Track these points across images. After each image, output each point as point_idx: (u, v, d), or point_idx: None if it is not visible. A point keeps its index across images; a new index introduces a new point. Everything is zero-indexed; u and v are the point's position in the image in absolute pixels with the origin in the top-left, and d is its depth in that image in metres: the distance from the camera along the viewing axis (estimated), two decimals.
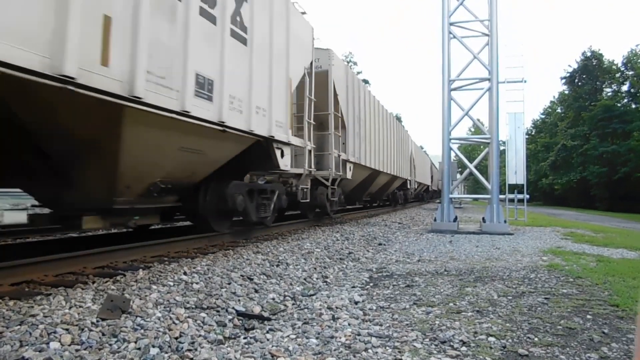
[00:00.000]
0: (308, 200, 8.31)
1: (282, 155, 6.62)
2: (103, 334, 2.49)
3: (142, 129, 4.03)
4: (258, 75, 5.78)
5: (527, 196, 11.62)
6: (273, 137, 6.20)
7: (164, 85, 4.04)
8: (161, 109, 4.03)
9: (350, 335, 2.80)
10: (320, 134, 8.76)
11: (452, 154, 11.15)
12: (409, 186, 22.18)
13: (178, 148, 4.68)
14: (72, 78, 3.06)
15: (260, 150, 6.20)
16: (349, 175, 10.36)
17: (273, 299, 3.79)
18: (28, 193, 4.82)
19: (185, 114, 4.33)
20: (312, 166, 7.95)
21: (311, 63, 7.84)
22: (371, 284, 4.54)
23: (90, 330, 2.48)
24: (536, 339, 2.82)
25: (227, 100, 5.06)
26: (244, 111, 5.48)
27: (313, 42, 7.97)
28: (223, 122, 4.97)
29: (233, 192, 5.86)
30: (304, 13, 7.54)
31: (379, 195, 17.80)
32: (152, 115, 3.97)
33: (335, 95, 9.19)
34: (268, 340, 2.76)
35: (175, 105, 4.19)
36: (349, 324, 3.05)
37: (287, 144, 6.73)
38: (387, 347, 2.63)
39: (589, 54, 46.83)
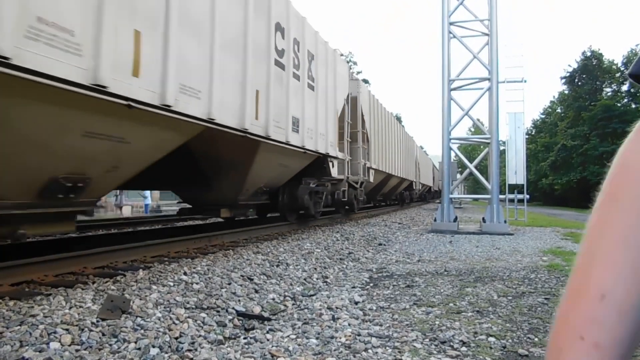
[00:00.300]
0: (346, 199, 10.51)
1: (333, 166, 9.06)
2: (103, 334, 2.49)
3: (265, 155, 6.32)
4: (320, 110, 8.12)
5: (527, 196, 11.62)
6: (328, 153, 8.57)
7: (279, 126, 6.38)
8: (277, 141, 6.34)
9: (350, 336, 2.80)
10: (352, 147, 10.91)
11: (452, 154, 11.15)
12: (414, 187, 24.62)
13: (278, 164, 7.07)
14: (245, 129, 5.35)
15: (319, 162, 8.59)
16: (371, 179, 12.60)
17: (273, 299, 3.79)
18: (176, 194, 7.11)
19: (287, 143, 6.67)
20: (349, 173, 10.37)
21: (348, 95, 10.26)
22: (371, 284, 4.54)
23: (91, 331, 2.48)
24: (536, 339, 2.82)
25: (306, 131, 7.43)
26: (313, 137, 7.79)
27: (349, 77, 10.37)
28: (304, 146, 7.31)
29: (302, 194, 8.20)
30: (342, 55, 9.79)
31: (389, 195, 20.35)
32: (272, 145, 6.28)
33: (362, 116, 11.60)
34: (268, 340, 2.75)
35: (283, 138, 6.52)
36: (349, 324, 3.05)
37: (336, 157, 9.14)
38: (387, 347, 2.63)
39: (589, 53, 46.82)
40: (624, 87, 44.67)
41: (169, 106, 3.91)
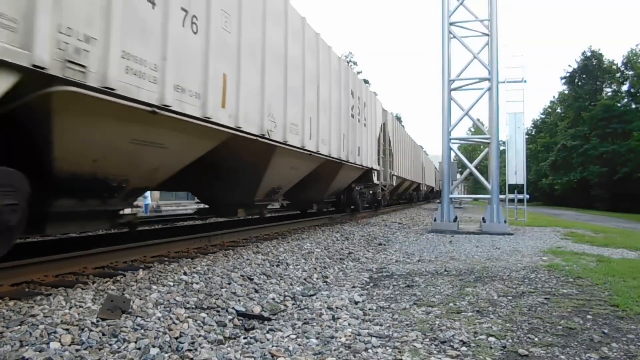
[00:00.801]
0: (380, 198, 14.78)
1: (374, 175, 12.55)
2: (103, 334, 2.49)
3: (345, 170, 9.43)
4: (368, 140, 11.78)
5: (527, 196, 11.60)
6: (373, 167, 12.30)
7: (352, 153, 9.95)
8: (352, 163, 9.98)
9: (350, 335, 2.80)
10: (382, 159, 14.39)
11: (452, 154, 11.15)
12: (421, 188, 28.90)
13: (349, 176, 10.73)
14: (341, 158, 8.88)
15: (366, 173, 11.87)
16: (394, 183, 16.51)
17: (273, 299, 3.79)
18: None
19: (354, 163, 10.11)
20: (382, 179, 14.10)
21: (383, 124, 14.49)
22: (371, 284, 4.54)
23: (91, 331, 2.49)
24: (536, 339, 2.82)
25: (364, 155, 11.05)
26: (364, 157, 11.11)
27: (382, 110, 14.51)
28: (364, 165, 11.11)
29: (355, 195, 12.02)
30: (376, 94, 13.57)
31: (402, 195, 24.28)
32: (349, 165, 9.35)
33: (388, 136, 15.46)
34: (268, 340, 2.76)
35: (353, 160, 10.21)
36: (349, 324, 3.05)
37: (377, 170, 12.93)
38: (387, 347, 2.63)
39: (589, 53, 46.80)
40: (624, 87, 44.64)
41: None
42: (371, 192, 13.58)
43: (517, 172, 11.29)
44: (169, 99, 3.94)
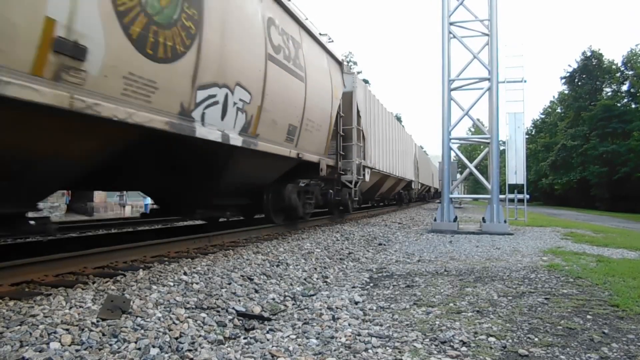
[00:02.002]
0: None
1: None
2: (103, 334, 2.49)
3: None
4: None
5: (527, 196, 11.60)
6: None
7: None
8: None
9: (350, 336, 2.80)
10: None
11: (452, 154, 11.15)
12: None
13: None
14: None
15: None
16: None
17: (273, 299, 3.79)
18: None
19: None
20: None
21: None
22: (371, 284, 4.54)
23: (91, 331, 2.48)
24: (536, 339, 2.82)
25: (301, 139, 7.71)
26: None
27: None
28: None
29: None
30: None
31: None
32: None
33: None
34: (268, 340, 2.76)
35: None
36: (349, 324, 3.05)
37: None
38: (387, 347, 2.63)
39: (589, 53, 46.82)
40: (624, 87, 44.64)
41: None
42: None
43: (517, 172, 11.28)
44: None
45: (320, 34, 8.25)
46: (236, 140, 5.31)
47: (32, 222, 3.69)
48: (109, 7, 3.38)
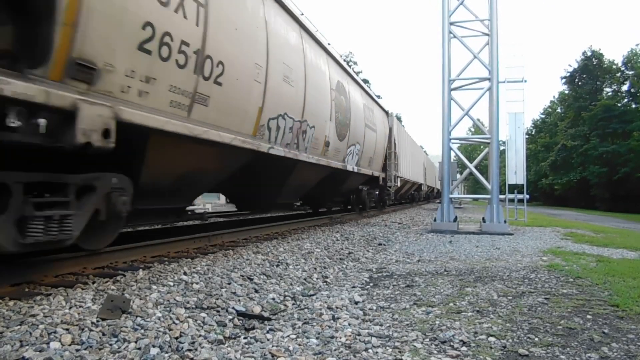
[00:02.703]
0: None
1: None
2: (103, 334, 2.49)
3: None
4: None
5: (527, 196, 11.61)
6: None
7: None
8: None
9: (350, 335, 2.80)
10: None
11: (452, 154, 11.15)
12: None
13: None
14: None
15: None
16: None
17: (273, 299, 3.79)
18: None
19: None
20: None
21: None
22: (371, 284, 4.54)
23: (91, 330, 2.48)
24: (536, 339, 2.82)
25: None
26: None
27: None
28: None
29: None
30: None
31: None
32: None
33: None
34: (268, 340, 2.75)
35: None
36: (349, 324, 3.05)
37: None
38: (388, 347, 2.63)
39: (589, 53, 46.76)
40: (624, 87, 44.62)
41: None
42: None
43: (517, 172, 11.29)
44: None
45: (378, 97, 13.50)
46: (353, 168, 10.34)
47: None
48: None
